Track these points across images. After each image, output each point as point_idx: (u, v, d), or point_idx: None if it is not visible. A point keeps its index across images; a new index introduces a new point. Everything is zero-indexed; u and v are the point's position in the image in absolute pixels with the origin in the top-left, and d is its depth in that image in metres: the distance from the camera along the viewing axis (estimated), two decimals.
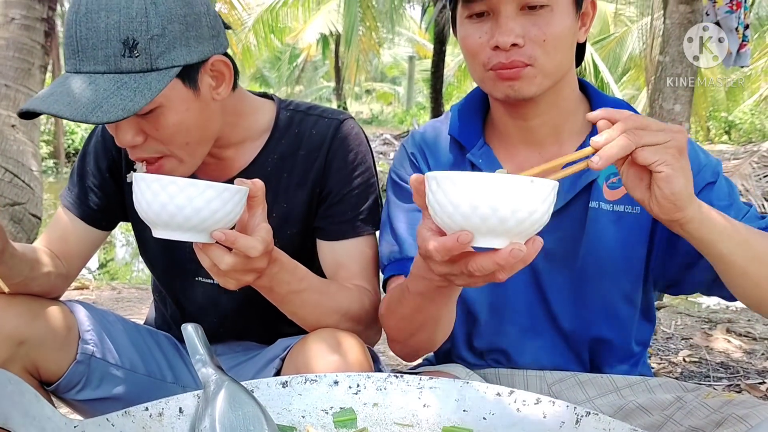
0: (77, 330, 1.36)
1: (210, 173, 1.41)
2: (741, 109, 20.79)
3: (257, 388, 1.00)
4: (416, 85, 34.72)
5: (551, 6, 1.20)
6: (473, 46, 1.25)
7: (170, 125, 1.20)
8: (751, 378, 2.90)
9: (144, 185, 0.98)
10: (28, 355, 1.26)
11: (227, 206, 0.99)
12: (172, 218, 0.97)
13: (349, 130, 1.44)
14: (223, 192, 0.98)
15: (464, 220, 0.84)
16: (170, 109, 1.19)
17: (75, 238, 1.45)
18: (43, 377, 1.33)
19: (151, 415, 0.94)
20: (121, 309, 4.05)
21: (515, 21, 1.20)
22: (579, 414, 0.95)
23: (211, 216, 0.98)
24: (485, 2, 1.21)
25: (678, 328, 3.70)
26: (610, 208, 1.30)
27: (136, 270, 7.32)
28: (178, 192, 0.96)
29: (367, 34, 18.72)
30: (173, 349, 1.56)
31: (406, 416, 1.01)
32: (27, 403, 0.80)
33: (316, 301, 1.26)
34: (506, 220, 0.82)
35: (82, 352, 1.35)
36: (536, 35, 1.20)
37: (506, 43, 1.19)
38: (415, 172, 1.38)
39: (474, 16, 1.24)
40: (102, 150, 1.47)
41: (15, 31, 4.55)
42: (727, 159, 11.89)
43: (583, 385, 1.35)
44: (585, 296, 1.33)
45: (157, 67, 1.15)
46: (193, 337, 1.03)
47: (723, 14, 3.99)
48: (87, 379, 1.37)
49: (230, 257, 1.03)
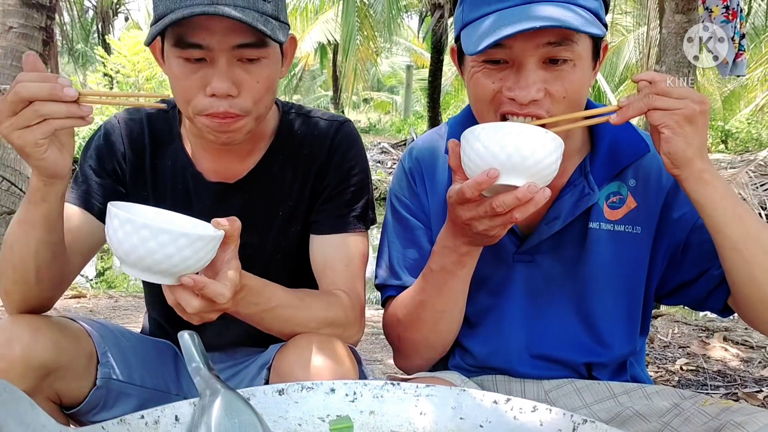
0: (96, 355, 1.34)
1: (221, 172, 1.45)
2: (737, 119, 20.82)
3: (254, 396, 1.00)
4: (414, 94, 34.76)
5: (574, 61, 1.16)
6: (486, 92, 1.20)
7: (263, 80, 1.28)
8: (749, 386, 2.89)
9: (117, 222, 0.97)
10: (51, 386, 1.25)
11: (199, 254, 0.99)
12: (141, 260, 0.96)
13: (349, 132, 1.49)
14: (197, 241, 0.97)
15: (493, 159, 1.02)
16: (271, 64, 1.29)
17: (78, 232, 1.40)
18: (64, 402, 1.32)
19: (146, 423, 0.93)
20: (118, 317, 4.04)
21: (537, 75, 1.15)
22: (576, 422, 0.95)
23: (182, 263, 0.98)
24: (505, 51, 1.16)
25: (675, 337, 3.70)
26: (611, 228, 1.30)
27: (134, 280, 7.31)
28: (150, 237, 0.95)
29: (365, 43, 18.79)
30: (173, 358, 1.55)
31: (402, 424, 1.01)
32: (22, 411, 0.79)
33: (289, 315, 1.26)
34: (527, 158, 1.01)
35: (101, 377, 1.33)
36: (557, 91, 1.16)
37: (526, 98, 1.14)
38: (413, 192, 1.41)
39: (490, 61, 1.19)
40: (106, 153, 1.47)
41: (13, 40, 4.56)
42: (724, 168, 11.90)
43: (580, 391, 1.34)
44: (585, 316, 1.33)
45: (278, 17, 1.28)
46: (190, 345, 1.02)
47: (719, 23, 4.01)
48: (104, 401, 1.36)
49: (197, 301, 1.03)
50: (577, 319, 1.33)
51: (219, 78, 1.23)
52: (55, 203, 1.18)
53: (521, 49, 1.14)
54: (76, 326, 1.33)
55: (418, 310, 1.30)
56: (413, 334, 1.35)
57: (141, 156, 1.47)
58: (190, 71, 1.25)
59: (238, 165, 1.46)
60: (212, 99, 1.24)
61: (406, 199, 1.43)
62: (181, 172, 1.46)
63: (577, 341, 1.34)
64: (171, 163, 1.47)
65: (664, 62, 4.14)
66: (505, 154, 1.01)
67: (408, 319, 1.33)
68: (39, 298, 1.29)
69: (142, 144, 1.47)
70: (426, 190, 1.42)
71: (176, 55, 1.25)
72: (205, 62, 1.24)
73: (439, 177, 1.41)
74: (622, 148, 1.31)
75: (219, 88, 1.23)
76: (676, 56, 4.10)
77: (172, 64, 1.27)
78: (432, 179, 1.42)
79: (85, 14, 23.60)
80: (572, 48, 1.14)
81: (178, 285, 1.02)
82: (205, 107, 1.25)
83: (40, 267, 1.23)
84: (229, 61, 1.23)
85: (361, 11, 17.74)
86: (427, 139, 1.48)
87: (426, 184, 1.42)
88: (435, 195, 1.41)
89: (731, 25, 4.03)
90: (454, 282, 1.25)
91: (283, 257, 1.48)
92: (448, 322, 1.32)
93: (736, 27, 4.07)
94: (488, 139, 1.03)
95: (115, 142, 1.47)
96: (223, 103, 1.25)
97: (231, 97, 1.25)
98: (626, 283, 1.32)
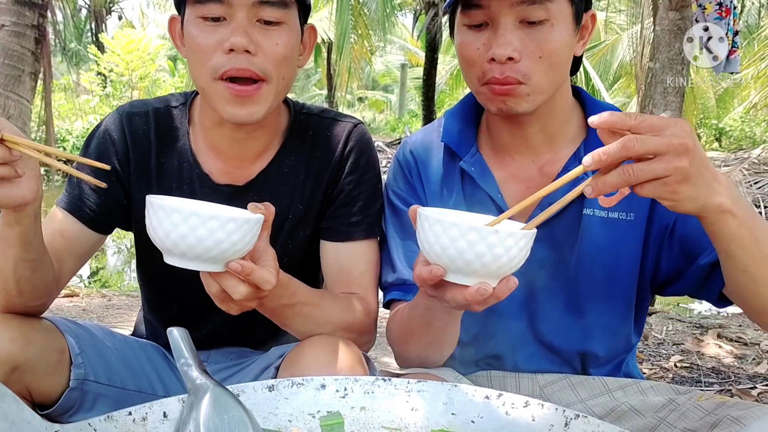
0: (68, 353, 1.31)
1: (230, 174, 1.42)
2: (731, 117, 20.90)
3: (243, 392, 0.99)
4: (408, 92, 34.77)
5: (551, 21, 1.20)
6: (470, 55, 1.25)
7: (283, 44, 1.26)
8: (743, 383, 2.90)
9: (162, 214, 0.95)
10: (21, 380, 1.23)
11: (246, 237, 0.98)
12: (191, 249, 0.95)
13: (362, 134, 1.47)
14: (244, 224, 0.97)
15: (436, 257, 0.95)
16: (290, 31, 1.28)
17: (68, 238, 1.37)
18: (36, 401, 1.30)
19: (134, 420, 0.92)
20: (111, 316, 4.02)
21: (513, 34, 1.19)
22: (568, 416, 0.94)
23: (231, 247, 0.97)
24: (484, 12, 1.21)
25: (669, 334, 3.70)
26: (605, 214, 1.29)
27: (128, 279, 7.29)
28: (199, 224, 0.94)
29: (359, 42, 18.75)
30: (162, 360, 1.52)
31: (393, 420, 1.00)
32: (6, 408, 0.78)
33: (309, 313, 1.26)
34: (471, 263, 0.92)
35: (75, 378, 1.31)
36: (533, 50, 1.20)
37: (502, 56, 1.19)
38: (408, 184, 1.39)
39: (473, 26, 1.24)
40: (106, 151, 1.41)
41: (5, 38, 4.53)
42: (718, 166, 11.95)
43: (575, 387, 1.34)
44: (579, 303, 1.32)
45: None
46: (179, 341, 1.01)
47: (712, 21, 4.01)
48: (80, 403, 1.33)
49: (244, 288, 1.02)
50: (571, 307, 1.32)
51: (236, 32, 1.21)
52: (30, 224, 1.13)
53: (497, 8, 1.19)
54: (43, 321, 1.31)
55: (409, 335, 1.30)
56: (408, 352, 1.34)
57: (146, 154, 1.42)
58: (208, 31, 1.24)
59: (248, 166, 1.42)
60: (230, 55, 1.22)
61: (401, 192, 1.43)
62: (188, 172, 1.42)
63: (571, 329, 1.33)
64: (177, 163, 1.43)
65: (657, 59, 4.14)
66: (447, 256, 0.93)
67: (402, 338, 1.33)
68: (24, 307, 1.27)
69: (147, 141, 1.42)
70: (422, 181, 1.41)
71: (196, 15, 1.24)
72: (224, 22, 1.23)
73: (434, 168, 1.41)
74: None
75: (237, 42, 1.21)
76: (669, 53, 4.09)
77: (191, 29, 1.26)
78: (426, 171, 1.41)
79: (78, 13, 23.51)
80: (546, 7, 1.19)
81: (225, 272, 1.01)
82: (222, 64, 1.23)
83: (19, 280, 1.20)
84: (248, 19, 1.22)
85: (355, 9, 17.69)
86: (422, 133, 1.48)
87: (422, 177, 1.42)
88: (430, 186, 1.40)
89: (724, 22, 4.02)
90: (440, 321, 1.21)
91: (289, 261, 1.43)
92: (440, 347, 1.30)
93: (730, 24, 4.07)
94: (432, 235, 0.94)
95: (116, 139, 1.41)
96: (242, 60, 1.23)
97: (249, 54, 1.23)
98: (620, 269, 1.31)
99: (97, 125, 1.45)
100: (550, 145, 1.33)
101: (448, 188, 1.39)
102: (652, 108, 4.17)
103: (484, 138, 1.40)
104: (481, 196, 1.34)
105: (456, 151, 1.38)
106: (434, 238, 0.94)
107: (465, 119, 1.41)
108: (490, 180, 1.34)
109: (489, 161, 1.36)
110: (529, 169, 1.35)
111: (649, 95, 4.23)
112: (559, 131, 1.33)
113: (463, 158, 1.36)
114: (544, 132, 1.32)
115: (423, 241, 0.97)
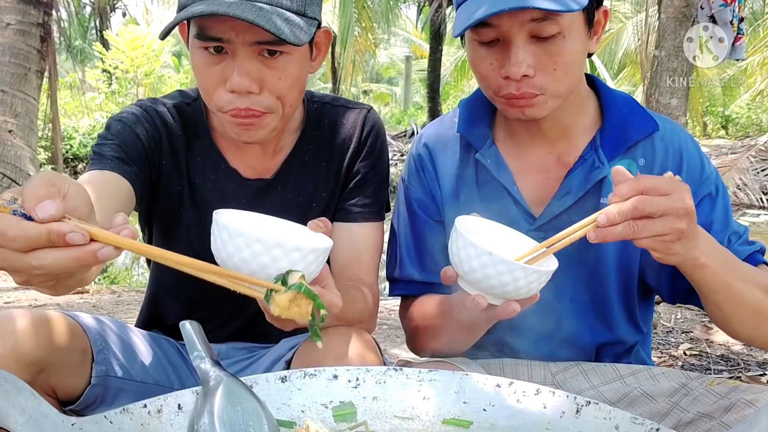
0: (91, 352, 1.32)
1: (255, 168, 1.43)
2: (738, 104, 20.79)
3: (256, 384, 1.00)
4: (413, 85, 34.71)
5: (563, 33, 1.17)
6: (483, 71, 1.24)
7: (287, 76, 1.23)
8: (752, 370, 2.89)
9: (227, 235, 0.93)
10: (46, 381, 1.24)
11: (311, 267, 0.96)
12: (253, 275, 0.93)
13: (376, 120, 1.50)
14: (309, 254, 0.95)
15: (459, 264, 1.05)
16: (295, 59, 1.23)
17: (107, 194, 1.23)
18: (61, 397, 1.31)
19: (149, 412, 0.93)
20: (121, 312, 4.05)
21: (526, 50, 1.17)
22: (579, 403, 0.95)
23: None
24: (495, 30, 1.18)
25: (678, 322, 3.70)
26: None
27: (137, 274, 7.32)
28: (263, 252, 0.92)
29: (363, 34, 18.73)
30: (175, 353, 1.54)
31: (405, 409, 1.01)
32: (24, 401, 0.79)
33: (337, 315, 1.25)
34: (494, 288, 1.02)
35: (96, 375, 1.32)
36: (547, 63, 1.18)
37: (517, 74, 1.17)
38: (421, 181, 1.42)
39: (484, 42, 1.22)
40: (146, 127, 1.37)
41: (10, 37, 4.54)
42: (725, 153, 11.89)
43: (586, 373, 1.34)
44: (596, 295, 1.33)
45: (305, 13, 1.22)
46: (192, 334, 1.02)
47: (718, 7, 3.99)
48: (102, 397, 1.34)
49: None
50: (589, 298, 1.33)
51: (238, 73, 1.20)
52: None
53: (508, 27, 1.17)
54: (70, 322, 1.30)
55: (439, 331, 1.31)
56: (435, 344, 1.35)
57: (180, 148, 1.41)
58: (210, 63, 1.22)
59: (270, 159, 1.44)
60: (233, 95, 1.22)
61: (413, 189, 1.44)
62: (213, 169, 1.42)
63: (588, 320, 1.34)
64: (201, 160, 1.43)
65: (663, 47, 4.12)
66: (463, 268, 1.04)
67: (429, 333, 1.35)
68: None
69: (178, 137, 1.41)
70: (436, 175, 1.42)
71: (198, 45, 1.23)
72: (226, 54, 1.21)
73: (448, 160, 1.41)
74: (631, 125, 1.31)
75: (238, 84, 1.20)
76: (675, 41, 4.08)
77: (194, 54, 1.25)
78: (441, 163, 1.42)
79: (82, 10, 23.54)
80: (557, 21, 1.16)
81: None
82: (225, 104, 1.23)
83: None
84: (249, 55, 1.20)
85: (359, 2, 17.67)
86: (437, 124, 1.49)
87: (436, 170, 1.42)
88: (445, 179, 1.41)
89: (730, 9, 4.00)
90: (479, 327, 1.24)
91: None
92: (472, 341, 1.32)
93: (735, 10, 4.05)
94: (463, 245, 1.04)
95: (156, 124, 1.39)
96: (245, 101, 1.22)
97: (252, 95, 1.22)
98: (633, 258, 1.31)
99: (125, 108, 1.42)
100: (566, 136, 1.34)
101: (462, 179, 1.39)
102: (659, 96, 4.16)
103: (500, 129, 1.40)
104: (497, 187, 1.35)
105: (471, 142, 1.38)
106: (465, 257, 1.03)
107: (479, 110, 1.41)
108: (506, 172, 1.34)
109: (504, 153, 1.36)
110: (545, 160, 1.35)
111: (654, 83, 4.22)
112: (575, 122, 1.33)
113: (479, 150, 1.36)
114: (560, 125, 1.32)
115: (454, 254, 1.06)
